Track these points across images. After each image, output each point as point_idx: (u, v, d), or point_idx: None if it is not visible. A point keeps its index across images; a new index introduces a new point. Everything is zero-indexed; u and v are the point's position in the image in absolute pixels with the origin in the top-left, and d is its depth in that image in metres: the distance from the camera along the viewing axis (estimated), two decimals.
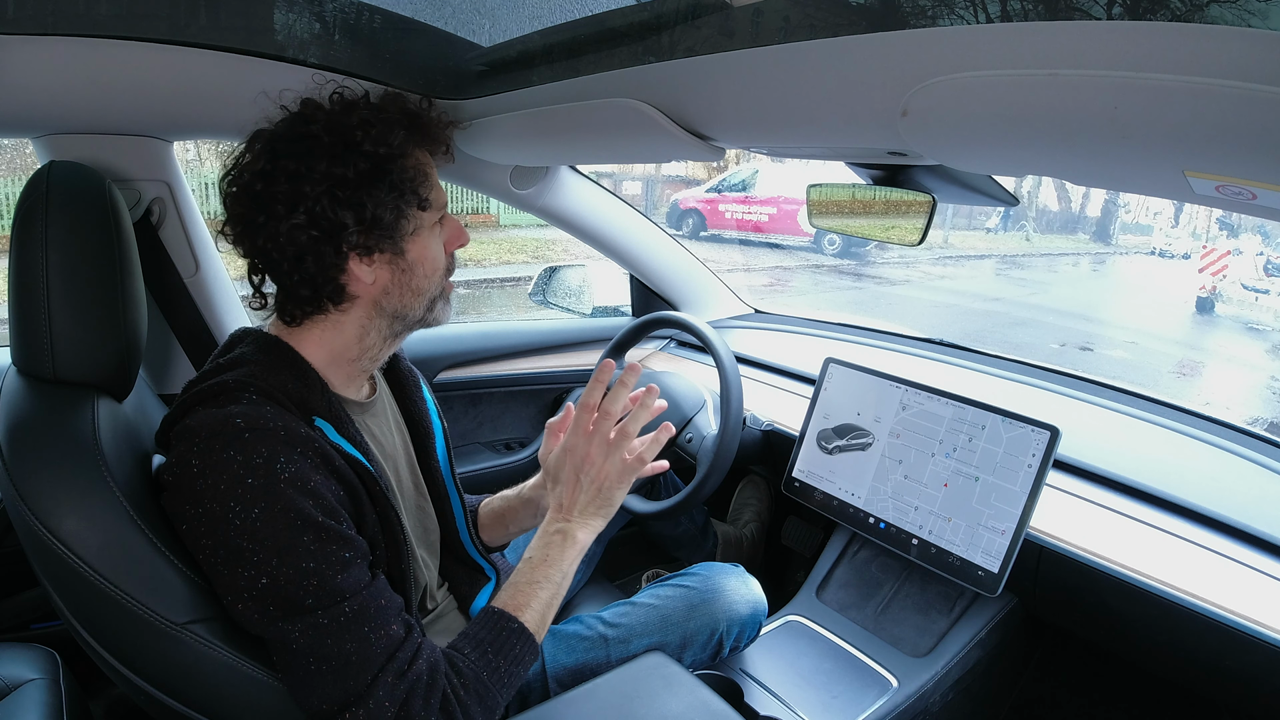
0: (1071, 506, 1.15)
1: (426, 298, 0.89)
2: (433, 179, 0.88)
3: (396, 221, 0.82)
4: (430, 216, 0.87)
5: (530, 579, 0.86)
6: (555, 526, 0.90)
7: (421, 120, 0.86)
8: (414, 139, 0.85)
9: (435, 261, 0.88)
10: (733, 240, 11.58)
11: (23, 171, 7.74)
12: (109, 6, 0.96)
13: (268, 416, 0.73)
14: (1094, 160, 0.62)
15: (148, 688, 0.71)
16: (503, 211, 11.04)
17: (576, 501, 0.91)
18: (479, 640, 0.80)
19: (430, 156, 0.88)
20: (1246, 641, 0.90)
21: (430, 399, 1.06)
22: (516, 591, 0.85)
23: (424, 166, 0.86)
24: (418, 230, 0.85)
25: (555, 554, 0.88)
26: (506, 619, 0.82)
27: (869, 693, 1.15)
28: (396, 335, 0.91)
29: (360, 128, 0.80)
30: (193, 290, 1.32)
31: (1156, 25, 0.46)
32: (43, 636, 1.14)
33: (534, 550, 0.88)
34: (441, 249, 0.89)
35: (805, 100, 0.75)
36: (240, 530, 0.69)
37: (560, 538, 0.88)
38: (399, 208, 0.82)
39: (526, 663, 0.83)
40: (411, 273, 0.86)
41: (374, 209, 0.80)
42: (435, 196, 0.87)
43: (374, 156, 0.80)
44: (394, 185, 0.81)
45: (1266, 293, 9.12)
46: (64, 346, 0.79)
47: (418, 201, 0.84)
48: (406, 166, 0.83)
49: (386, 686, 0.71)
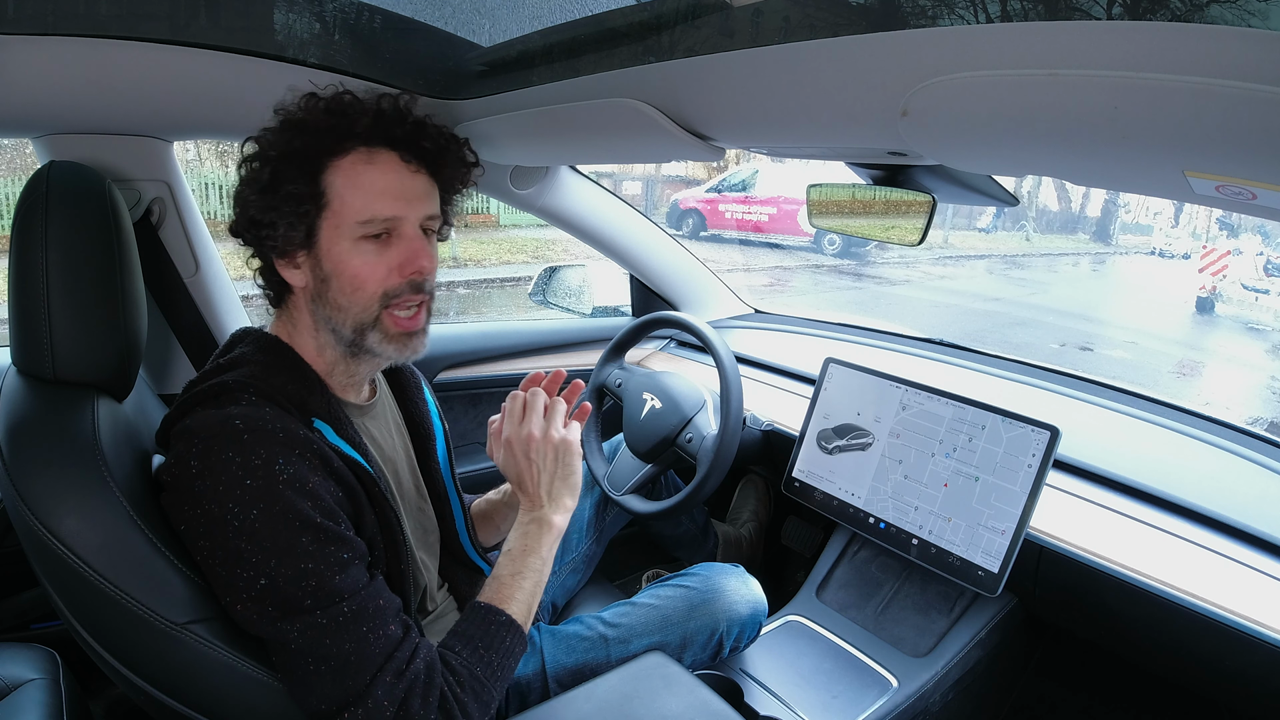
0: (1071, 506, 1.15)
1: (351, 317, 0.82)
2: (353, 183, 0.80)
3: (275, 225, 0.79)
4: (342, 224, 0.80)
5: (512, 571, 0.86)
6: (529, 516, 0.90)
7: (350, 119, 0.80)
8: (332, 139, 0.79)
9: (356, 278, 0.80)
10: (733, 240, 11.57)
11: (23, 171, 7.74)
12: (109, 6, 0.96)
13: (267, 418, 0.73)
14: (1094, 160, 0.62)
15: (148, 688, 0.71)
16: (503, 211, 11.04)
17: (540, 483, 0.90)
18: (469, 636, 0.81)
19: (370, 156, 0.80)
20: (1246, 641, 0.90)
21: (432, 401, 1.06)
22: (500, 585, 0.85)
23: (343, 170, 0.79)
24: (332, 239, 0.80)
25: (533, 543, 0.88)
26: (494, 613, 0.82)
27: (869, 693, 1.15)
28: (354, 355, 0.85)
29: (271, 131, 0.81)
30: (193, 290, 1.32)
31: (1156, 25, 0.46)
32: (43, 636, 1.14)
33: (512, 542, 0.89)
34: (371, 266, 0.81)
35: (805, 100, 0.75)
36: (239, 531, 0.69)
37: (535, 526, 0.89)
38: (279, 211, 0.79)
39: (517, 654, 0.83)
40: (328, 284, 0.81)
41: (256, 212, 0.80)
42: (351, 203, 0.79)
43: (268, 159, 0.80)
44: (269, 188, 0.79)
45: (1266, 293, 9.12)
46: (64, 346, 0.79)
47: (299, 206, 0.79)
48: (286, 170, 0.79)
49: (385, 686, 0.71)
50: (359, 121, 0.80)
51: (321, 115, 0.80)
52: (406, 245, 0.82)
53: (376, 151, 0.81)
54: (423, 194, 0.84)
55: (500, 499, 1.13)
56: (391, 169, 0.82)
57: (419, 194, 0.84)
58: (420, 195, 0.84)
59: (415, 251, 0.82)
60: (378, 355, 0.85)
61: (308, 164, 0.79)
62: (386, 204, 0.81)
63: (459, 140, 0.89)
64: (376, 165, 0.81)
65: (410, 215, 0.82)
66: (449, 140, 0.87)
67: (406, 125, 0.82)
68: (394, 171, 0.82)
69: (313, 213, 0.80)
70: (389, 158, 0.82)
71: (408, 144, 0.82)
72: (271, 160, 0.80)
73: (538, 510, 0.90)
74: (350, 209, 0.80)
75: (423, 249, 0.83)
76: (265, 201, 0.79)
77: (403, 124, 0.82)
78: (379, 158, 0.81)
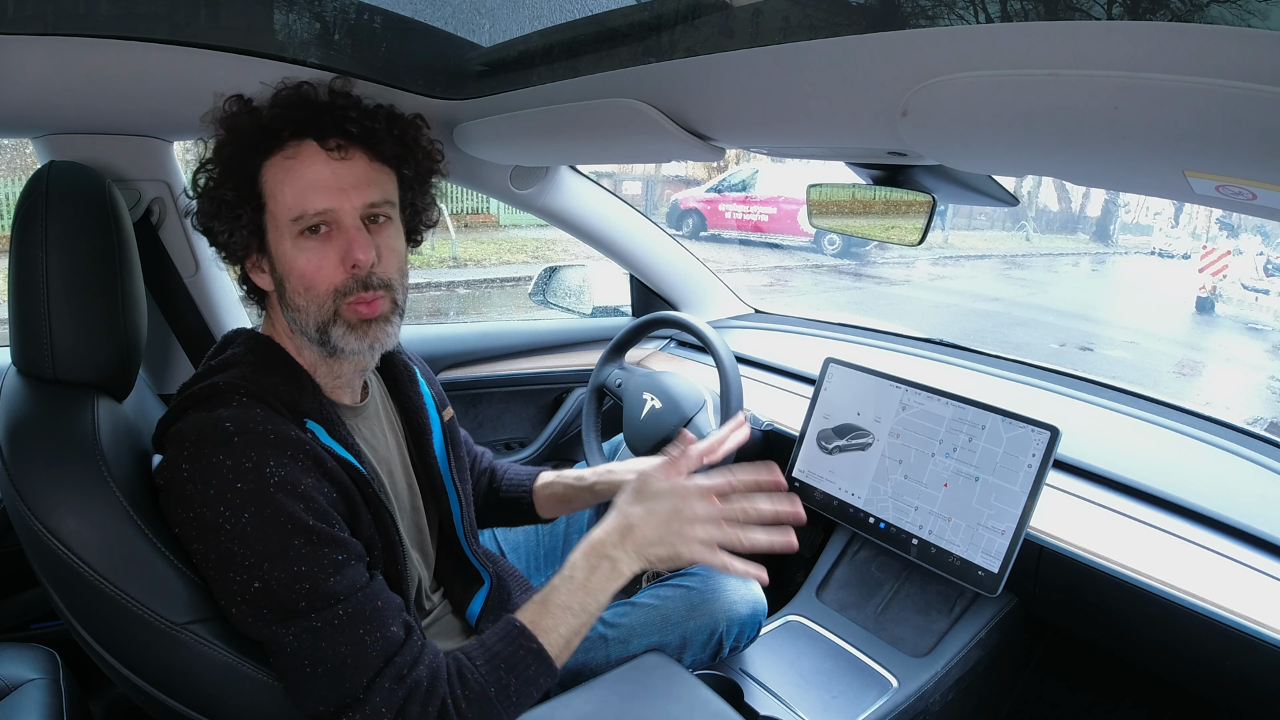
0: (1071, 506, 1.15)
1: (311, 317, 0.79)
2: (281, 180, 0.78)
3: (222, 231, 0.80)
4: (280, 224, 0.78)
5: (565, 602, 0.79)
6: (610, 552, 0.82)
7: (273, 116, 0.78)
8: (259, 139, 0.78)
9: (304, 277, 0.78)
10: (733, 240, 11.58)
11: (23, 171, 7.74)
12: (109, 6, 0.96)
13: (257, 420, 0.73)
14: (1094, 160, 0.62)
15: (148, 688, 0.71)
16: (503, 211, 11.05)
17: (648, 536, 0.82)
18: (493, 653, 0.76)
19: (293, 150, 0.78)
20: (1247, 641, 0.90)
21: (428, 392, 1.03)
22: (547, 611, 0.79)
23: (273, 168, 0.78)
24: (277, 240, 0.79)
25: (599, 583, 0.80)
26: (527, 637, 0.77)
27: (869, 693, 1.15)
28: (330, 355, 0.83)
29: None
30: (193, 290, 1.32)
31: (1156, 25, 0.46)
32: (43, 636, 1.14)
33: (578, 570, 0.81)
34: (316, 263, 0.78)
35: (805, 100, 0.75)
36: (231, 535, 0.69)
37: (609, 566, 0.81)
38: (219, 217, 0.79)
39: (540, 686, 0.77)
40: (284, 286, 0.80)
41: (204, 219, 0.81)
42: (283, 201, 0.78)
43: (206, 166, 0.81)
44: (208, 194, 0.80)
45: (1266, 293, 9.13)
46: (64, 346, 0.79)
47: (235, 211, 0.78)
48: (224, 175, 0.79)
49: (384, 691, 0.70)
50: (280, 116, 0.78)
51: (245, 117, 0.79)
52: (344, 238, 0.79)
53: (302, 144, 0.78)
54: (360, 181, 0.80)
55: (581, 486, 1.07)
56: (318, 159, 0.78)
57: (354, 182, 0.79)
58: (356, 183, 0.79)
59: (350, 243, 0.78)
60: (345, 350, 0.81)
61: (242, 168, 0.79)
62: (316, 197, 0.77)
63: (397, 115, 0.84)
64: (301, 158, 0.78)
65: (345, 205, 0.78)
66: (383, 118, 0.82)
67: (334, 111, 0.79)
68: (320, 162, 0.78)
69: (252, 216, 0.79)
70: (310, 148, 0.78)
71: (333, 129, 0.79)
72: (209, 168, 0.80)
73: (620, 550, 0.82)
74: (283, 207, 0.78)
75: (358, 240, 0.78)
76: (208, 209, 0.80)
77: (328, 111, 0.79)
78: (302, 150, 0.78)
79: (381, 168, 0.83)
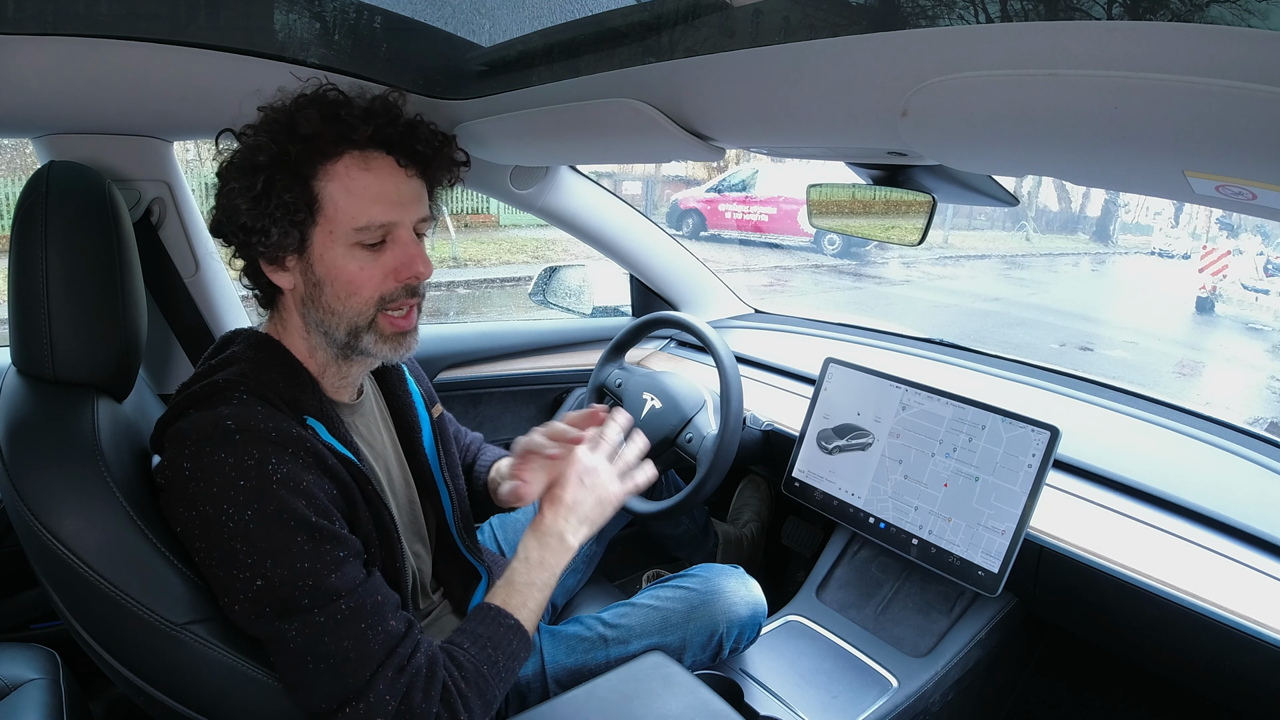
0: (1071, 506, 1.15)
1: (345, 320, 0.81)
2: (347, 189, 0.78)
3: (268, 231, 0.77)
4: (336, 230, 0.78)
5: (527, 580, 0.86)
6: (555, 529, 0.89)
7: (344, 123, 0.78)
8: (324, 143, 0.77)
9: (352, 284, 0.80)
10: (733, 240, 11.58)
11: (23, 171, 7.75)
12: (109, 6, 0.96)
13: (259, 417, 0.73)
14: (1094, 160, 0.62)
15: (148, 688, 0.71)
16: (503, 211, 11.04)
17: (579, 503, 0.91)
18: (477, 635, 0.81)
19: (364, 161, 0.79)
20: (1246, 641, 0.90)
21: (416, 392, 1.04)
22: (512, 591, 0.85)
23: (337, 175, 0.78)
24: (325, 244, 0.79)
25: (551, 557, 0.88)
26: (503, 615, 0.83)
27: (869, 693, 1.15)
28: (346, 357, 0.85)
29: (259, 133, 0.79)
30: (193, 290, 1.32)
31: (1156, 25, 0.46)
32: (43, 636, 1.14)
33: (530, 550, 0.88)
34: (367, 272, 0.80)
35: (805, 100, 0.75)
36: (233, 532, 0.69)
37: (557, 541, 0.89)
38: (272, 218, 0.77)
39: (521, 659, 0.83)
40: (320, 289, 0.81)
41: (248, 219, 0.78)
42: (346, 210, 0.78)
43: (258, 166, 0.78)
44: (261, 196, 0.77)
45: (1266, 293, 9.13)
46: (64, 346, 0.79)
47: (293, 215, 0.77)
48: (279, 177, 0.77)
49: (387, 681, 0.71)
50: (353, 125, 0.78)
51: (314, 118, 0.77)
52: (403, 250, 0.81)
53: (371, 156, 0.79)
54: (416, 197, 0.83)
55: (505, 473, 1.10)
56: (387, 174, 0.80)
57: (413, 197, 0.82)
58: (414, 199, 0.83)
59: (412, 257, 0.81)
60: (371, 355, 0.84)
61: (300, 170, 0.77)
62: (382, 210, 0.79)
63: (450, 139, 0.87)
64: (372, 170, 0.79)
65: (405, 220, 0.81)
66: (442, 141, 0.85)
67: (400, 127, 0.81)
68: (390, 177, 0.80)
69: (306, 220, 0.78)
70: (385, 162, 0.80)
71: (403, 147, 0.81)
72: (263, 167, 0.77)
73: (563, 523, 0.90)
74: (345, 215, 0.78)
75: (419, 254, 0.82)
76: (258, 209, 0.77)
77: (396, 126, 0.80)
78: (374, 163, 0.79)
79: (424, 184, 0.86)
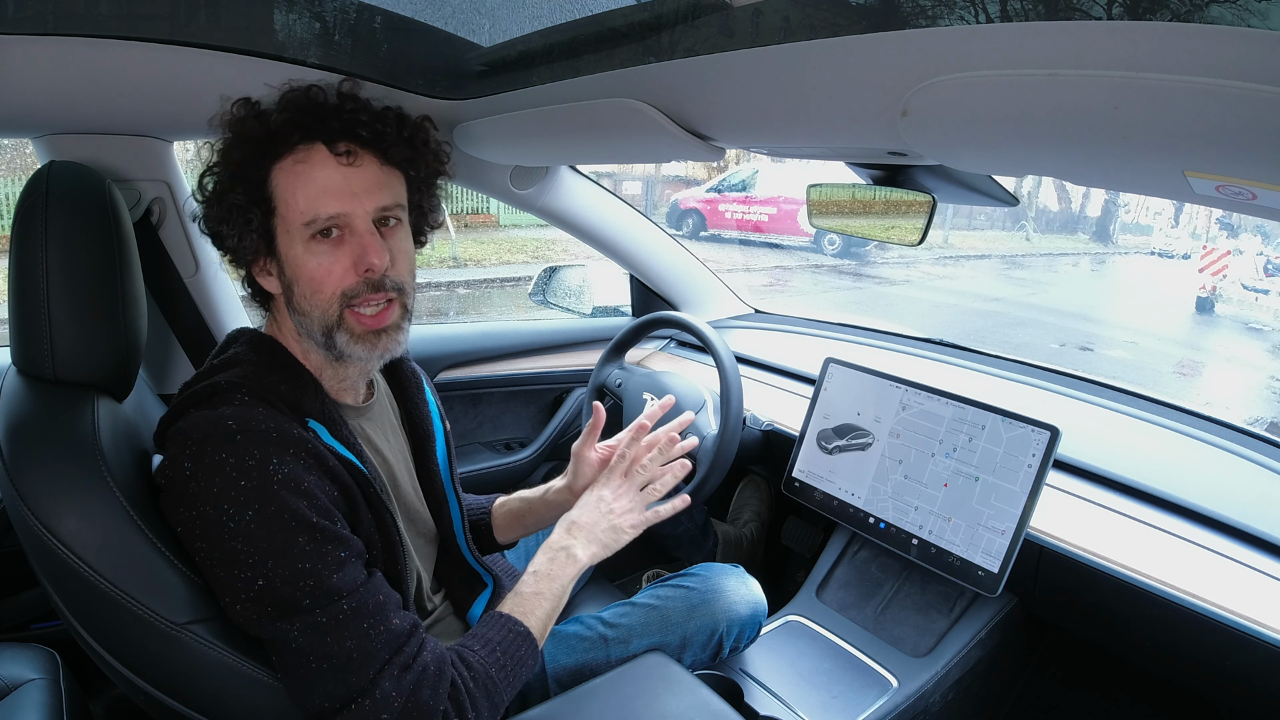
0: (1071, 506, 1.15)
1: (317, 321, 0.80)
2: (292, 185, 0.78)
3: (230, 236, 0.79)
4: (291, 228, 0.78)
5: (535, 590, 0.88)
6: (562, 543, 0.91)
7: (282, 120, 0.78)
8: (269, 144, 0.78)
9: (314, 281, 0.79)
10: (733, 240, 11.57)
11: (23, 171, 7.74)
12: (109, 6, 0.96)
13: (260, 418, 0.73)
14: (1094, 160, 0.62)
15: (148, 688, 0.71)
16: (503, 211, 11.04)
17: (592, 525, 0.93)
18: (488, 640, 0.82)
19: (305, 154, 0.78)
20: (1246, 641, 0.90)
21: (433, 401, 1.05)
22: (521, 600, 0.87)
23: (283, 172, 0.78)
24: (287, 244, 0.79)
25: (559, 569, 0.89)
26: (514, 623, 0.84)
27: (869, 693, 1.15)
28: (336, 359, 0.83)
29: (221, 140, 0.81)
30: (193, 290, 1.32)
31: (1156, 25, 0.46)
32: (43, 636, 1.14)
33: (539, 564, 0.90)
34: (326, 268, 0.78)
35: (805, 100, 0.75)
36: (234, 533, 0.69)
37: (565, 555, 0.90)
38: (229, 221, 0.79)
39: (529, 666, 0.84)
40: (293, 290, 0.80)
41: (212, 224, 0.81)
42: (294, 206, 0.78)
43: (213, 170, 0.80)
44: (215, 199, 0.79)
45: (1266, 293, 9.13)
46: (64, 346, 0.79)
47: (245, 215, 0.78)
48: (233, 180, 0.78)
49: (392, 679, 0.71)
50: (289, 120, 0.78)
51: (254, 121, 0.78)
52: (357, 242, 0.79)
53: (311, 148, 0.78)
54: (371, 185, 0.80)
55: (540, 497, 1.10)
56: (328, 164, 0.78)
57: (366, 185, 0.80)
58: (368, 187, 0.80)
59: (365, 247, 0.79)
60: (352, 356, 0.82)
61: (252, 172, 0.78)
62: (328, 201, 0.78)
63: (406, 118, 0.84)
64: (311, 162, 0.78)
65: (357, 209, 0.79)
66: (392, 121, 0.82)
67: (343, 115, 0.79)
68: (330, 166, 0.78)
69: (262, 221, 0.79)
70: (321, 153, 0.78)
71: (343, 133, 0.79)
72: (216, 172, 0.80)
73: (570, 540, 0.91)
74: (294, 211, 0.78)
75: (373, 244, 0.79)
76: (216, 213, 0.80)
77: (337, 115, 0.79)
78: (314, 155, 0.78)
79: (391, 170, 0.83)
